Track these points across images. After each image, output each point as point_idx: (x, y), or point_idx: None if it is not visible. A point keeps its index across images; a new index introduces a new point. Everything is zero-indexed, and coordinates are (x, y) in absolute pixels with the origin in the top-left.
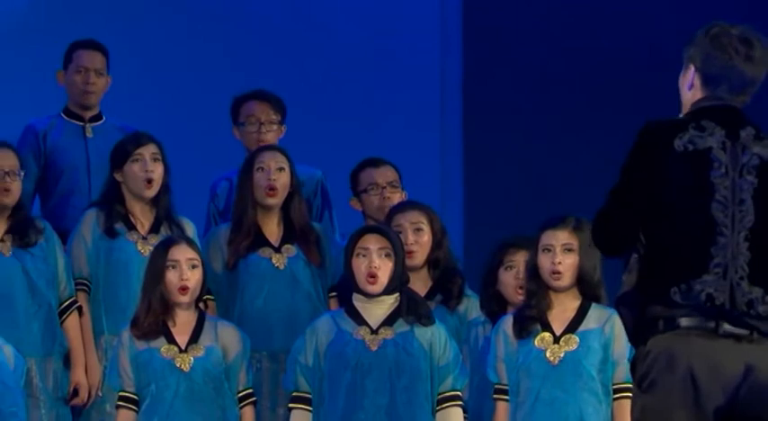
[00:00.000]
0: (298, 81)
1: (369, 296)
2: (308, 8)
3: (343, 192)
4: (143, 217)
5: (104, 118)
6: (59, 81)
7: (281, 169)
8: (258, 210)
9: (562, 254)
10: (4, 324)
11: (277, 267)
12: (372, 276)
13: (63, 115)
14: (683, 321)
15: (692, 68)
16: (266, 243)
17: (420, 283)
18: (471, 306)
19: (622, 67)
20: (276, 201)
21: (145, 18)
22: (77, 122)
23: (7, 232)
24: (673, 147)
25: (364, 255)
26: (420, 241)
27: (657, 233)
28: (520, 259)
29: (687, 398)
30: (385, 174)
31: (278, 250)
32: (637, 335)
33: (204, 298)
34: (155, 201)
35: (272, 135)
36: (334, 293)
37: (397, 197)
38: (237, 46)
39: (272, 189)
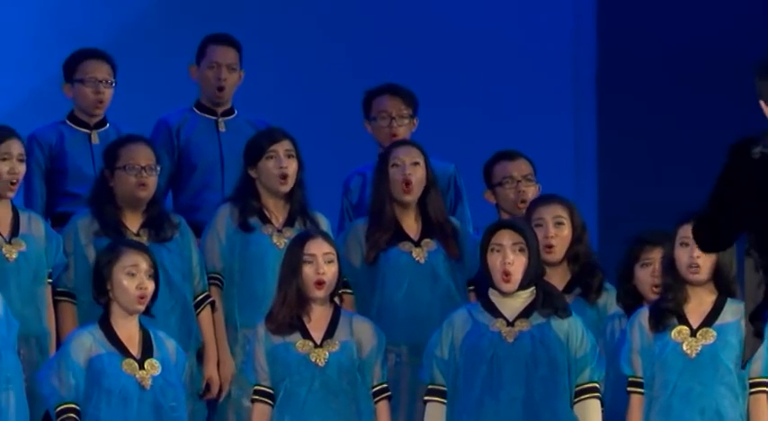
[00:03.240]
0: (430, 74)
1: (504, 293)
2: (441, 2)
3: (477, 185)
4: (277, 211)
5: (236, 112)
6: (192, 75)
7: (415, 164)
8: (395, 205)
9: None
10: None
11: (417, 261)
12: (507, 274)
13: (195, 109)
14: None
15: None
16: (406, 237)
17: (558, 277)
18: (610, 300)
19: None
20: (412, 197)
21: (277, 12)
22: (210, 117)
23: (143, 226)
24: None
25: (498, 251)
26: (560, 235)
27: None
28: (656, 256)
29: None
30: (520, 167)
31: (418, 244)
32: None
33: (341, 292)
34: (289, 197)
35: (403, 129)
36: (472, 287)
37: (531, 190)
38: (369, 40)
39: (407, 184)
